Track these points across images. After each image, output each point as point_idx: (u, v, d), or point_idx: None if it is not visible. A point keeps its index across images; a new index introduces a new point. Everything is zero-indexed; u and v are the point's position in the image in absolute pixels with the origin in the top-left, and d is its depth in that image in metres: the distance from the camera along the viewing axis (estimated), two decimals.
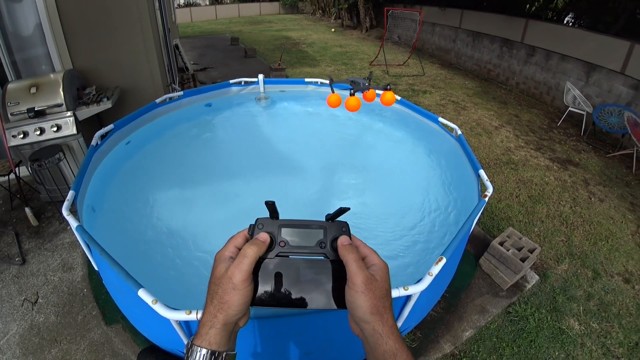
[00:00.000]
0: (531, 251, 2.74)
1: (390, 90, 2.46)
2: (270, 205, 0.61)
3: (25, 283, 2.67)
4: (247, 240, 0.61)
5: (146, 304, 1.26)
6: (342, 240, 0.59)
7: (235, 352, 0.57)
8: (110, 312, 2.44)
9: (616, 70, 5.84)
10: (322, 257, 0.60)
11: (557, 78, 7.06)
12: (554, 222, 3.70)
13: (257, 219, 0.63)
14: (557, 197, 4.14)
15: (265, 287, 0.57)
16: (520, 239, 2.85)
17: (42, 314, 2.46)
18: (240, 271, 0.53)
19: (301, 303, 0.57)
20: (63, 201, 1.84)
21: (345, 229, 0.62)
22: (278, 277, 0.58)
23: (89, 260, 2.37)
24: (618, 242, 3.50)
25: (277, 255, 0.60)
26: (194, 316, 1.21)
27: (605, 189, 4.39)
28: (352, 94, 2.40)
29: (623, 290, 2.97)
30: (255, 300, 0.56)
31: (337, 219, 0.64)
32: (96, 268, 1.97)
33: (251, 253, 0.55)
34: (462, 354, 2.36)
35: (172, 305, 1.27)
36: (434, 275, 1.43)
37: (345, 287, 0.57)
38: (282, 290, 0.58)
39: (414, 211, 2.64)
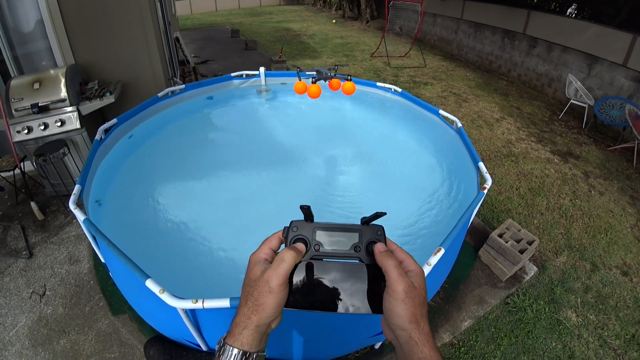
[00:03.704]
0: (530, 243, 2.77)
1: (350, 80, 2.67)
2: (306, 210, 0.60)
3: (32, 276, 2.72)
4: (281, 242, 0.61)
5: (153, 294, 1.30)
6: (379, 247, 0.59)
7: (265, 354, 0.58)
8: (116, 303, 2.49)
9: (618, 63, 5.81)
10: (357, 261, 0.60)
11: (558, 70, 7.03)
12: (553, 215, 3.73)
13: (292, 221, 0.62)
14: (557, 189, 4.16)
15: (299, 289, 0.58)
16: (519, 230, 2.88)
17: (50, 305, 2.51)
18: (277, 275, 0.54)
19: (335, 307, 0.57)
20: (68, 195, 1.88)
21: (380, 232, 0.62)
22: (312, 280, 0.58)
23: (95, 252, 2.41)
24: (617, 235, 3.53)
25: (311, 259, 0.59)
26: (200, 305, 1.25)
27: (606, 182, 4.40)
28: (314, 82, 2.63)
29: (621, 282, 3.01)
30: (289, 303, 0.57)
31: (373, 222, 0.63)
32: (103, 260, 2.02)
33: (289, 258, 0.55)
34: (460, 344, 2.41)
35: (178, 295, 1.31)
36: (432, 266, 1.46)
37: (380, 292, 0.57)
38: (316, 293, 0.58)
39: (413, 203, 2.67)
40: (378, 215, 0.61)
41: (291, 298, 0.57)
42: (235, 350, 0.53)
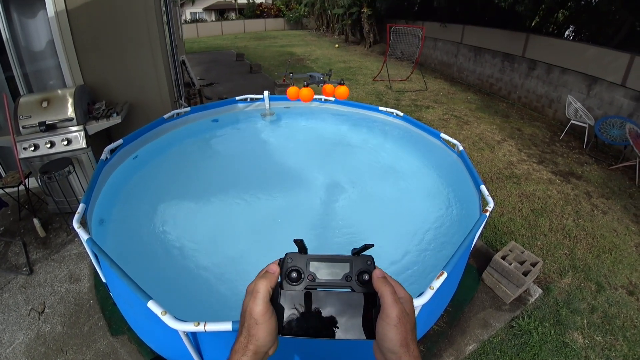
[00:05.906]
0: (534, 265, 2.75)
1: (343, 84, 2.75)
2: (299, 243, 0.64)
3: (32, 293, 2.70)
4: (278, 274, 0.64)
5: (154, 315, 1.29)
6: (377, 272, 0.62)
7: None
8: (116, 323, 2.46)
9: (617, 83, 5.89)
10: (349, 290, 0.63)
11: (558, 91, 7.12)
12: (556, 236, 3.71)
13: (287, 253, 0.65)
14: (559, 210, 4.15)
15: (293, 318, 0.60)
16: (522, 252, 2.86)
17: (48, 323, 2.49)
18: (256, 305, 0.56)
19: (329, 333, 0.59)
20: (70, 213, 1.89)
21: (370, 262, 0.65)
22: (306, 308, 0.61)
23: (95, 271, 2.41)
24: (621, 254, 3.50)
25: (305, 288, 0.62)
26: (202, 328, 1.24)
27: (608, 201, 4.39)
28: (305, 86, 2.76)
29: (627, 302, 2.96)
30: (284, 330, 0.59)
31: (363, 253, 0.66)
32: (104, 280, 2.01)
33: (262, 287, 0.57)
34: None
35: (180, 317, 1.30)
36: (435, 289, 1.45)
37: (372, 318, 0.59)
38: (310, 321, 0.60)
39: (415, 227, 2.66)
40: (367, 246, 0.64)
41: (286, 326, 0.59)
42: None
